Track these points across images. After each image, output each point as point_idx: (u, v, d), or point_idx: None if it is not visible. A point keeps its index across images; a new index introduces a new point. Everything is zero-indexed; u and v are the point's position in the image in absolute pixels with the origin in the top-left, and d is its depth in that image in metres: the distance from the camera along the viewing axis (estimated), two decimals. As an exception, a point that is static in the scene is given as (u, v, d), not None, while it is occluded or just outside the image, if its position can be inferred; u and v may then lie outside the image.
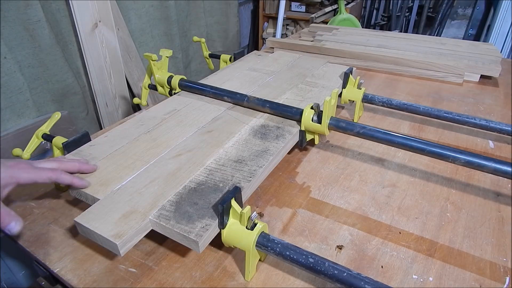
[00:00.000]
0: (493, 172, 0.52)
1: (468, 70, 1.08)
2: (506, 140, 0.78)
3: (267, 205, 0.59)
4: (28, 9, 1.17)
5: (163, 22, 1.78)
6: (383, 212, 0.58)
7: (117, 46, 1.51)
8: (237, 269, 0.48)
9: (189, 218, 0.45)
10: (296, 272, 0.48)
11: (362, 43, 1.28)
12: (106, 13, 1.44)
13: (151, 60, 0.78)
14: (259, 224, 0.45)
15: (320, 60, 1.00)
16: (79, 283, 0.46)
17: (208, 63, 1.08)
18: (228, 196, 0.44)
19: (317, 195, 0.62)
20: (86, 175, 0.53)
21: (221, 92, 0.75)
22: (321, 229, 0.55)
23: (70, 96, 1.40)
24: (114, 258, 0.50)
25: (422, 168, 0.68)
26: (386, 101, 0.80)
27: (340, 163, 0.70)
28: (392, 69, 1.15)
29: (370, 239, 0.53)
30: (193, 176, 0.53)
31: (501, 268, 0.49)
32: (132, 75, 1.65)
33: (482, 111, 0.91)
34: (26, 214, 0.57)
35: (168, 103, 0.75)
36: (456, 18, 2.68)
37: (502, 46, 2.38)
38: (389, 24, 2.74)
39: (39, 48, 1.24)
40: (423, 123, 0.84)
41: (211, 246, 0.51)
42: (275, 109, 0.69)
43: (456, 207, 0.59)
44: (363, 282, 0.39)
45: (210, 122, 0.68)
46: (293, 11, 2.70)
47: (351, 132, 0.62)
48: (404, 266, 0.49)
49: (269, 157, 0.57)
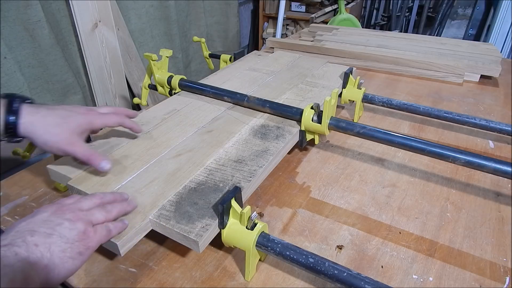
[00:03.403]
0: (493, 172, 0.52)
1: (468, 70, 1.08)
2: (506, 140, 0.78)
3: (267, 205, 0.59)
4: (28, 9, 1.17)
5: (163, 22, 1.78)
6: (383, 212, 0.58)
7: (117, 46, 1.51)
8: (237, 269, 0.48)
9: (189, 218, 0.45)
10: (296, 272, 0.48)
11: (362, 43, 1.28)
12: (106, 13, 1.44)
13: (151, 60, 0.78)
14: (259, 224, 0.45)
15: (320, 60, 1.00)
16: (79, 283, 0.46)
17: (208, 63, 1.08)
18: (228, 196, 0.44)
19: (317, 195, 0.62)
20: (85, 174, 0.53)
21: (221, 92, 0.75)
22: (321, 229, 0.55)
23: (70, 96, 1.40)
24: (114, 258, 0.50)
25: (422, 168, 0.68)
26: (386, 101, 0.80)
27: (340, 163, 0.70)
28: (392, 69, 1.15)
29: (370, 239, 0.53)
30: (193, 176, 0.53)
31: (501, 268, 0.49)
32: (132, 75, 1.65)
33: (482, 111, 0.91)
34: (26, 214, 0.57)
35: (168, 103, 0.75)
36: (456, 18, 2.68)
37: (502, 46, 2.38)
38: (389, 24, 2.74)
39: (39, 48, 1.24)
40: (423, 123, 0.84)
41: (211, 246, 0.51)
42: (275, 109, 0.69)
43: (456, 207, 0.59)
44: (363, 282, 0.39)
45: (210, 122, 0.68)
46: (293, 11, 2.70)
47: (351, 132, 0.62)
48: (404, 266, 0.49)
49: (269, 157, 0.57)
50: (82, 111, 0.52)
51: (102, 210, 0.42)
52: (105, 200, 0.44)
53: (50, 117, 0.48)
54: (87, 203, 0.42)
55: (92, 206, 0.42)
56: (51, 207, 0.40)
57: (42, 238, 0.35)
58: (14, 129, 0.46)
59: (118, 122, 0.56)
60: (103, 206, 0.43)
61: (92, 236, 0.39)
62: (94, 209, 0.42)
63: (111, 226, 0.42)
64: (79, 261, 0.37)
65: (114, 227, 0.42)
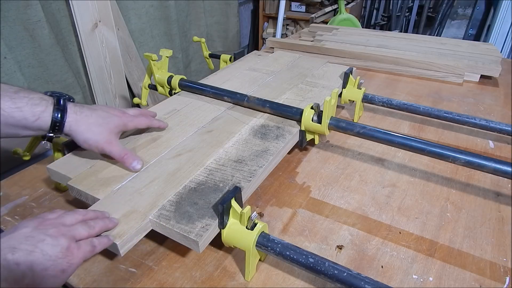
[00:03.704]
0: (493, 172, 0.52)
1: (468, 70, 1.08)
2: (506, 140, 0.78)
3: (267, 205, 0.59)
4: (28, 9, 1.17)
5: (163, 22, 1.78)
6: (383, 212, 0.58)
7: (117, 46, 1.51)
8: (237, 269, 0.48)
9: (189, 218, 0.45)
10: (296, 272, 0.48)
11: (362, 43, 1.28)
12: (106, 13, 1.44)
13: (151, 60, 0.78)
14: (259, 224, 0.45)
15: (320, 60, 1.00)
16: (79, 283, 0.46)
17: (208, 63, 1.08)
18: (228, 196, 0.44)
19: (317, 195, 0.62)
20: (86, 174, 0.53)
21: (221, 92, 0.75)
22: (321, 229, 0.55)
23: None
24: (114, 258, 0.50)
25: (422, 168, 0.68)
26: (386, 101, 0.80)
27: (340, 163, 0.70)
28: (392, 69, 1.15)
29: (370, 239, 0.53)
30: (193, 176, 0.53)
31: (501, 268, 0.49)
32: (132, 75, 1.65)
33: (482, 111, 0.91)
34: (26, 214, 0.57)
35: (168, 103, 0.75)
36: (456, 18, 2.68)
37: (502, 46, 2.38)
38: (389, 24, 2.74)
39: (39, 48, 1.24)
40: (423, 123, 0.84)
41: (211, 246, 0.51)
42: (275, 109, 0.69)
43: (456, 207, 0.59)
44: (363, 282, 0.39)
45: (210, 122, 0.68)
46: (293, 11, 2.70)
47: (351, 132, 0.62)
48: (404, 266, 0.49)
49: (269, 157, 0.57)
50: (117, 113, 0.55)
51: (85, 226, 0.41)
52: (87, 216, 0.43)
53: (93, 117, 0.51)
54: (70, 219, 0.41)
55: (75, 222, 0.41)
56: (32, 221, 0.39)
57: (24, 256, 0.34)
58: (61, 126, 0.49)
59: (147, 123, 0.60)
60: (85, 222, 0.42)
61: (76, 252, 0.38)
62: (77, 225, 0.41)
63: (95, 241, 0.40)
64: (61, 280, 0.36)
65: (99, 242, 0.41)
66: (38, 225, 0.38)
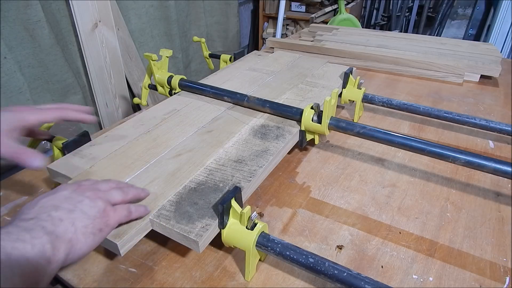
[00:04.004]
0: (493, 172, 0.52)
1: (468, 70, 1.08)
2: (506, 140, 0.78)
3: (267, 205, 0.59)
4: (28, 9, 1.17)
5: (163, 22, 1.78)
6: (383, 212, 0.58)
7: (117, 46, 1.51)
8: (237, 269, 0.48)
9: (189, 218, 0.45)
10: (296, 272, 0.48)
11: (362, 43, 1.28)
12: (106, 13, 1.44)
13: (151, 60, 0.78)
14: (259, 224, 0.45)
15: (320, 60, 1.00)
16: (79, 283, 0.46)
17: (208, 63, 1.08)
18: (228, 196, 0.44)
19: (317, 195, 0.62)
20: (86, 174, 0.53)
21: (221, 92, 0.75)
22: (321, 229, 0.55)
23: (70, 96, 1.40)
24: (114, 258, 0.50)
25: (422, 168, 0.68)
26: (386, 101, 0.80)
27: (340, 163, 0.70)
28: (392, 69, 1.15)
29: (370, 239, 0.53)
30: (193, 176, 0.53)
31: (501, 268, 0.49)
32: (132, 75, 1.65)
33: (482, 111, 0.91)
34: (26, 214, 0.57)
35: (168, 103, 0.75)
36: (456, 18, 2.68)
37: (502, 46, 2.38)
38: (389, 24, 2.74)
39: (39, 48, 1.24)
40: (423, 123, 0.84)
41: (211, 246, 0.51)
42: (275, 109, 0.69)
43: (456, 207, 0.59)
44: (363, 282, 0.39)
45: (210, 122, 0.68)
46: (293, 11, 2.71)
47: (351, 132, 0.62)
48: (404, 266, 0.49)
49: (269, 157, 0.57)
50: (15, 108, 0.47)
51: (119, 191, 0.44)
52: (120, 185, 0.46)
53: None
54: (104, 185, 0.44)
55: (109, 189, 0.44)
56: (70, 186, 0.41)
57: (66, 213, 0.36)
58: None
59: (57, 115, 0.50)
60: (120, 187, 0.45)
61: (112, 214, 0.40)
62: (112, 190, 0.43)
63: (132, 208, 0.43)
64: (99, 238, 0.39)
65: (136, 209, 0.43)
66: (76, 189, 0.40)
